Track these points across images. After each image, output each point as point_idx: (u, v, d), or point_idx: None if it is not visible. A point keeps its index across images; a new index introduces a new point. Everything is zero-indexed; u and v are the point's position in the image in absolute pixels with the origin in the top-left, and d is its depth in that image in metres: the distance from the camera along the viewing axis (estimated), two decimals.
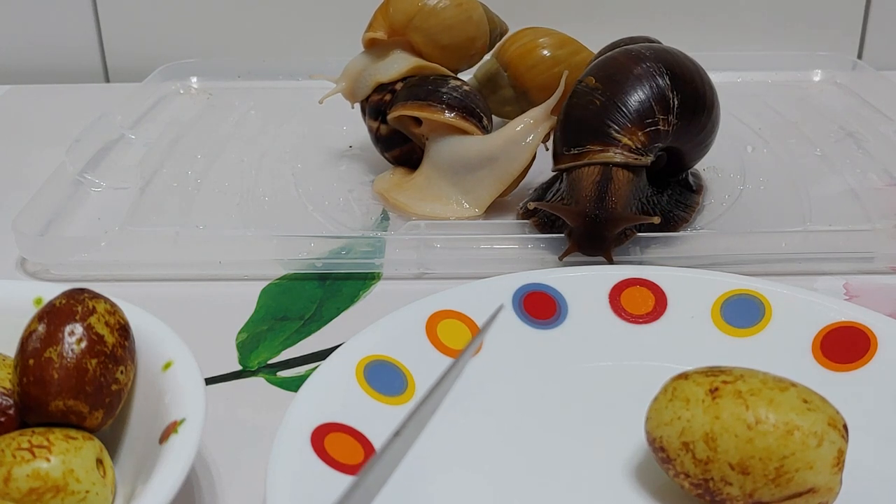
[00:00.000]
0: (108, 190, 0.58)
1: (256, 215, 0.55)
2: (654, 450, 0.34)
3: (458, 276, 0.49)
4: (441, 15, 0.56)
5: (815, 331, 0.41)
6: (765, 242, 0.50)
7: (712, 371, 0.34)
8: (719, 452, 0.32)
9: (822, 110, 0.68)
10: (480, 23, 0.57)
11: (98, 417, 0.34)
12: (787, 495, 0.32)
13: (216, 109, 0.70)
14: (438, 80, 0.56)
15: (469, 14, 0.57)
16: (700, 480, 0.33)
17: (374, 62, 0.57)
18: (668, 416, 0.33)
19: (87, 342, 0.34)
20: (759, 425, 0.32)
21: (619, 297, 0.43)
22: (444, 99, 0.55)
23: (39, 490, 0.31)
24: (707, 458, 0.32)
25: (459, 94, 0.55)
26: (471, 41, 0.57)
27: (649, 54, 0.51)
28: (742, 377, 0.33)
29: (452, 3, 0.56)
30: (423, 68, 0.57)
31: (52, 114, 0.73)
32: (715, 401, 0.32)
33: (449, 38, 0.57)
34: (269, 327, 0.46)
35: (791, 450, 0.31)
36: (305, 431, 0.34)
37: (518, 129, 0.54)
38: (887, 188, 0.57)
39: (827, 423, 0.32)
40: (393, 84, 0.57)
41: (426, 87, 0.55)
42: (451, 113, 0.54)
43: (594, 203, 0.47)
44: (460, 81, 0.56)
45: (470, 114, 0.55)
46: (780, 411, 0.32)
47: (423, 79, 0.56)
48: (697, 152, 0.53)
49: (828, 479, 0.32)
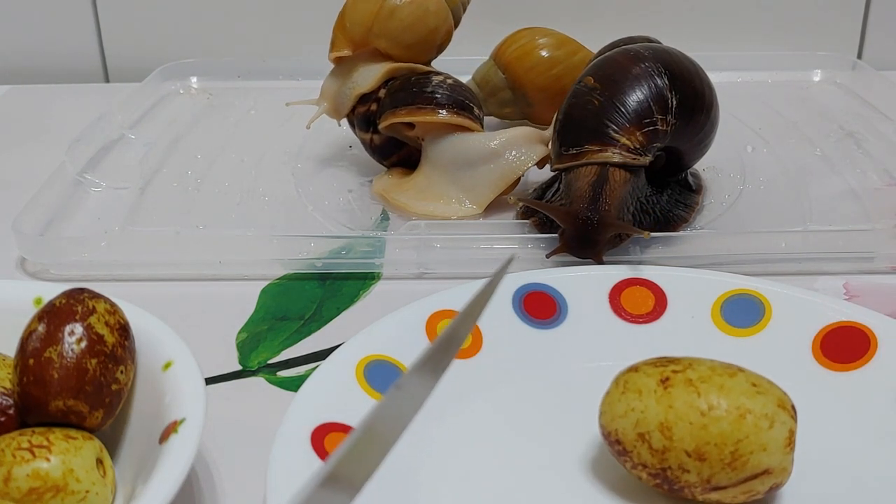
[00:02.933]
0: (109, 190, 0.58)
1: (256, 215, 0.55)
2: (609, 443, 0.34)
3: (458, 276, 0.49)
4: (398, 16, 0.55)
5: (815, 331, 0.41)
6: (765, 242, 0.50)
7: (661, 361, 0.34)
8: (675, 441, 0.32)
9: (822, 110, 0.68)
10: (439, 11, 0.56)
11: (98, 417, 0.34)
12: (743, 478, 0.32)
13: (216, 109, 0.70)
14: (421, 78, 0.55)
15: (425, 7, 0.56)
16: (658, 470, 0.33)
17: (349, 75, 0.57)
18: (622, 409, 0.33)
19: (87, 342, 0.34)
20: (712, 411, 0.32)
21: (619, 296, 0.43)
22: (433, 98, 0.54)
23: (39, 490, 0.31)
24: (664, 448, 0.32)
25: (447, 89, 0.55)
26: (434, 32, 0.56)
27: (648, 54, 0.50)
28: (691, 365, 0.33)
29: (405, 1, 0.55)
30: (399, 69, 0.56)
31: (52, 114, 0.73)
32: (667, 390, 0.33)
33: (412, 35, 0.56)
34: (269, 327, 0.46)
35: (744, 433, 0.32)
36: (305, 431, 0.34)
37: (520, 135, 0.54)
38: (887, 188, 0.57)
39: (776, 404, 0.32)
40: (375, 92, 0.56)
41: (411, 90, 0.55)
42: (443, 111, 0.54)
43: (588, 204, 0.47)
44: (443, 76, 0.56)
45: (462, 108, 0.54)
46: (731, 396, 0.32)
47: (405, 81, 0.56)
48: (696, 152, 0.53)
49: (781, 459, 0.32)
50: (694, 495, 0.33)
